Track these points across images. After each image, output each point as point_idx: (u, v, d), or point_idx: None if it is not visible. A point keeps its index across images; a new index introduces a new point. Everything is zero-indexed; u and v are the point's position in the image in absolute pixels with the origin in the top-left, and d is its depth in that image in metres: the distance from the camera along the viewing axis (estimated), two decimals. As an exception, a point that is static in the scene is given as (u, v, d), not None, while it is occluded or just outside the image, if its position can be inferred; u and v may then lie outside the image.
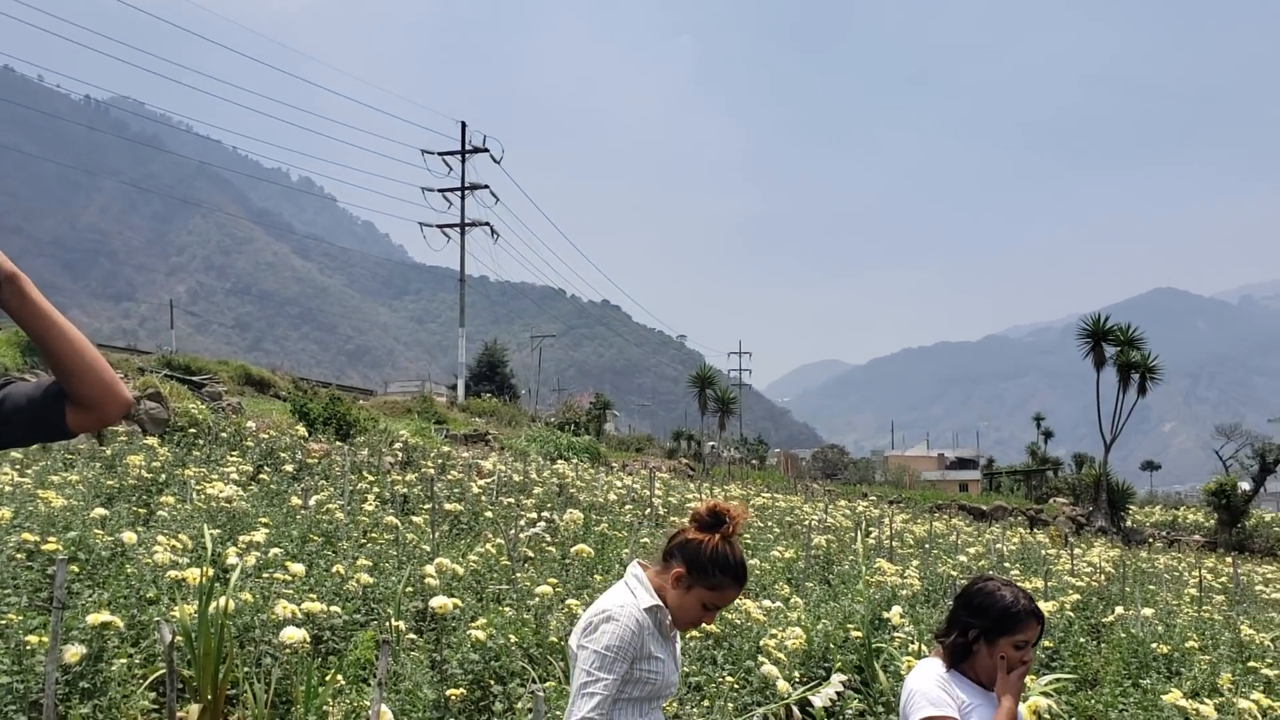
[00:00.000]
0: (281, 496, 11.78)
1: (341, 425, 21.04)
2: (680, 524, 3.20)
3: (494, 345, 63.46)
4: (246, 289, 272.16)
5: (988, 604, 3.31)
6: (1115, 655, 8.88)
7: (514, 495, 14.72)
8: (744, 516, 3.06)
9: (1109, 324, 38.92)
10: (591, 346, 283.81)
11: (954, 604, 3.34)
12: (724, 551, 2.94)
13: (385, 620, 6.83)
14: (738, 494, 21.45)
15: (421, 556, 8.95)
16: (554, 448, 27.38)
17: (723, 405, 49.42)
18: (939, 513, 30.75)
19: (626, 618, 2.90)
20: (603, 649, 2.85)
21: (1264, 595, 16.51)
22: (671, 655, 3.06)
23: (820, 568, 11.62)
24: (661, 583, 3.02)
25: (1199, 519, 42.76)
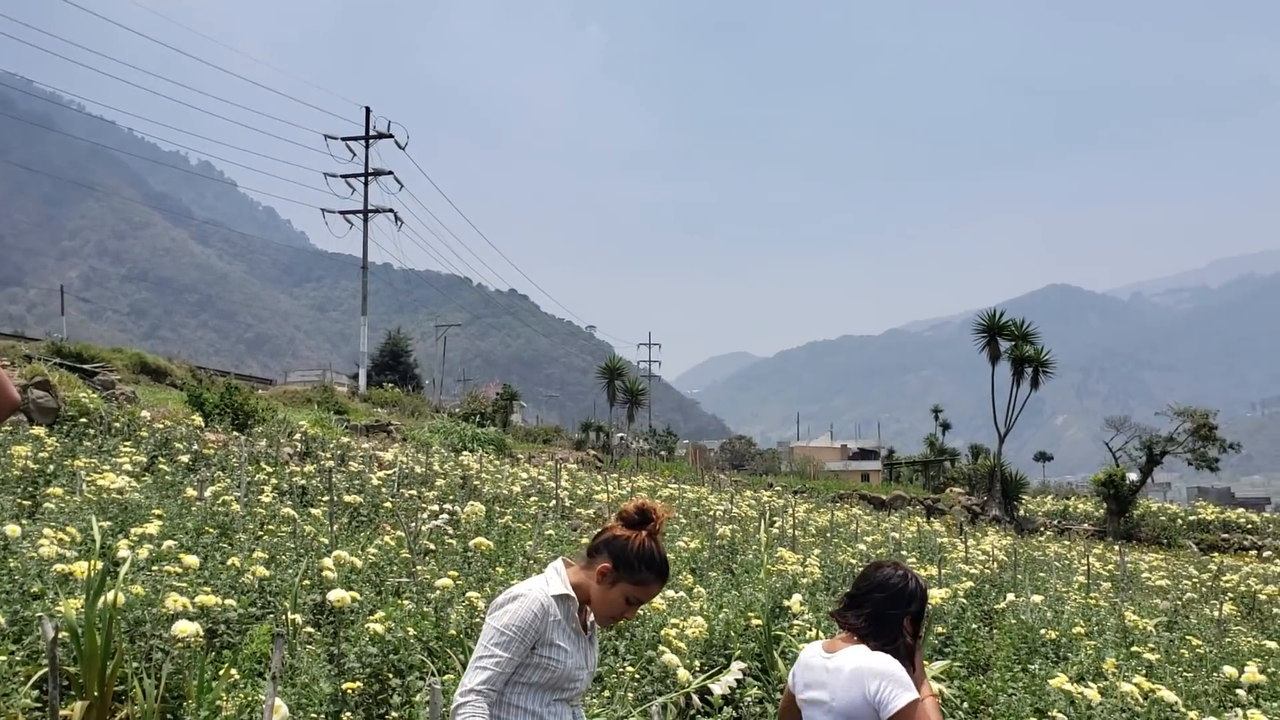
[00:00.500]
0: (176, 488, 11.49)
1: (239, 415, 20.58)
2: (588, 516, 3.26)
3: (397, 334, 62.65)
4: (143, 275, 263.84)
5: (916, 591, 3.43)
6: (1006, 641, 9.14)
7: (416, 487, 14.58)
8: (668, 515, 3.20)
9: (1004, 319, 40.02)
10: (498, 336, 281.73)
11: (881, 594, 3.36)
12: (650, 548, 3.06)
13: (282, 613, 6.72)
14: (645, 485, 21.54)
15: (320, 549, 8.81)
16: (458, 439, 27.16)
17: (632, 396, 49.61)
18: (841, 502, 31.31)
19: (531, 600, 2.98)
20: (502, 626, 2.94)
21: (1149, 582, 17.16)
22: (581, 649, 3.11)
23: (724, 557, 11.74)
24: (583, 579, 3.10)
25: (1089, 508, 44.24)
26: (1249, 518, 43.48)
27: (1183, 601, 13.61)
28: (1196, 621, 11.35)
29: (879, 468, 62.05)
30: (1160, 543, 35.41)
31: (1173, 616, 11.34)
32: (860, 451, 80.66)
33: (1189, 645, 8.83)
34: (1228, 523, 41.46)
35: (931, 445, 61.08)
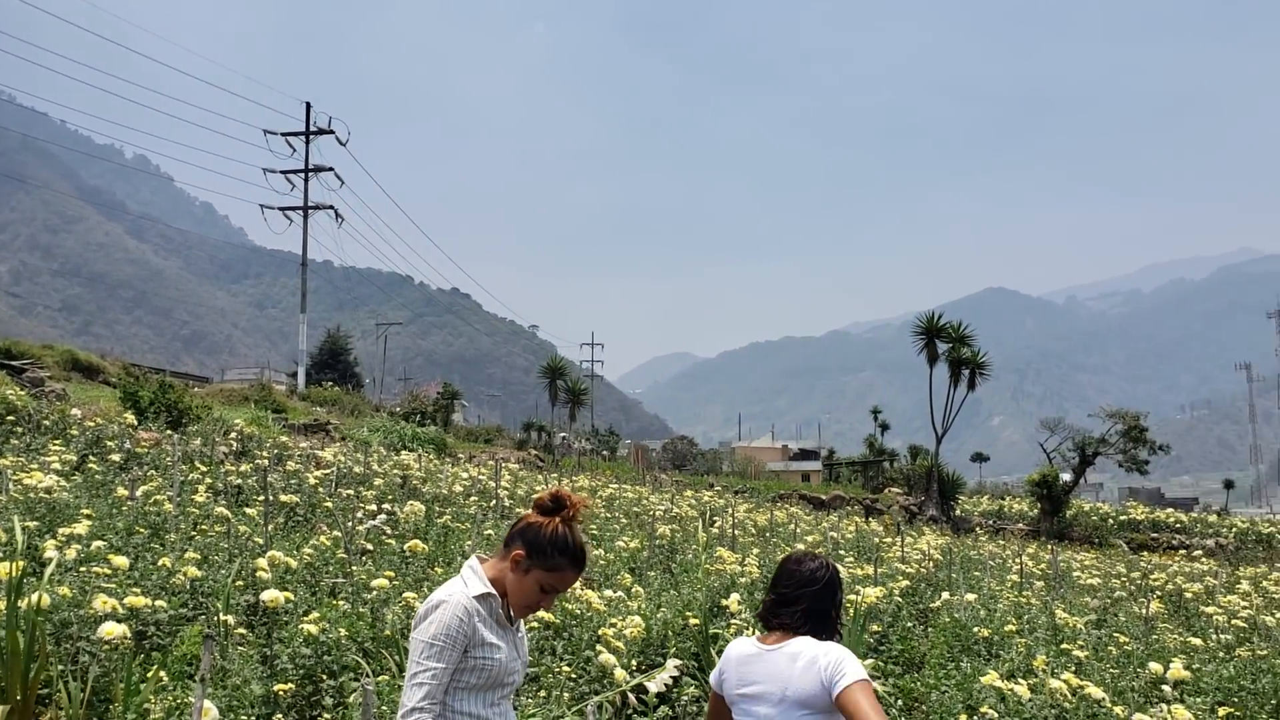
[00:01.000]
0: (107, 487, 11.27)
1: (174, 413, 20.23)
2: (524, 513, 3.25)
3: (337, 332, 62.08)
4: (75, 270, 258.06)
5: (839, 578, 3.51)
6: (940, 639, 9.26)
7: (354, 487, 14.43)
8: (585, 503, 3.17)
9: (942, 321, 40.57)
10: (440, 335, 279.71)
11: (813, 588, 3.40)
12: (563, 534, 3.03)
13: (214, 615, 6.61)
14: (586, 485, 21.52)
15: (254, 549, 8.69)
16: (398, 438, 26.93)
17: (574, 396, 49.52)
18: (781, 502, 31.52)
19: (454, 606, 2.95)
20: (430, 639, 2.90)
21: (1080, 581, 17.45)
22: (511, 643, 3.10)
23: (664, 557, 11.77)
24: (500, 571, 3.08)
25: (1023, 508, 45.01)
26: (1178, 518, 44.54)
27: (1112, 600, 13.89)
28: (1125, 619, 11.59)
29: (819, 468, 62.51)
30: (1092, 542, 36.09)
31: (1102, 614, 11.57)
32: (801, 452, 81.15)
33: (1117, 643, 9.01)
34: (1157, 522, 42.42)
35: (871, 446, 61.69)
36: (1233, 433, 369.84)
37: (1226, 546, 35.97)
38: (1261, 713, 7.19)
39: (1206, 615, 12.43)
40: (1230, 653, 9.55)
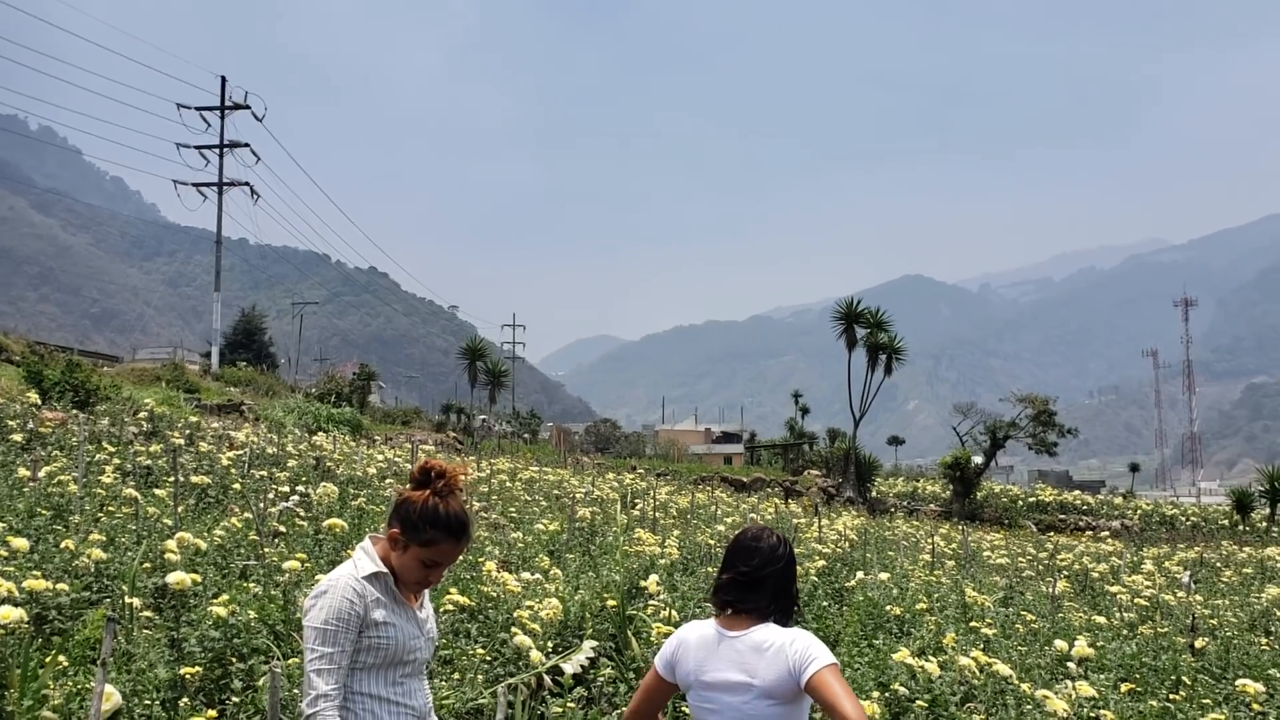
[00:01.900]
0: (8, 468, 10.91)
1: (81, 393, 19.65)
2: None
3: (252, 312, 60.97)
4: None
5: (794, 555, 3.44)
6: (854, 617, 9.40)
7: (267, 468, 14.17)
8: (459, 472, 3.12)
9: (861, 307, 41.14)
10: (358, 315, 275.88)
11: (775, 566, 3.29)
12: (433, 507, 3.00)
13: (119, 598, 6.44)
14: (506, 467, 21.40)
15: (163, 531, 8.49)
16: (313, 419, 26.52)
17: (494, 378, 49.20)
18: (703, 484, 31.70)
19: (342, 588, 2.93)
20: (321, 624, 2.87)
21: (989, 560, 17.87)
22: (410, 620, 3.07)
23: (584, 540, 11.75)
24: (387, 549, 3.06)
25: (937, 490, 45.93)
26: (1085, 500, 45.84)
27: (1020, 579, 14.23)
28: (1033, 598, 11.88)
29: (741, 451, 63.04)
30: (1002, 523, 36.94)
31: (1010, 593, 11.83)
32: (723, 435, 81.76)
33: (1024, 621, 9.23)
34: (1065, 504, 43.60)
35: (791, 429, 62.41)
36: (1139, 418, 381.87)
37: (1131, 528, 37.10)
38: (1161, 688, 7.42)
39: (1111, 594, 12.81)
40: (1133, 631, 9.84)
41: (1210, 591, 15.18)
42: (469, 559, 8.35)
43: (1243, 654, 8.86)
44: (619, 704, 5.95)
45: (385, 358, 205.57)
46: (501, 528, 11.85)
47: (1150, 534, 34.73)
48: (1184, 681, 7.52)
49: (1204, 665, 8.26)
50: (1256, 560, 21.40)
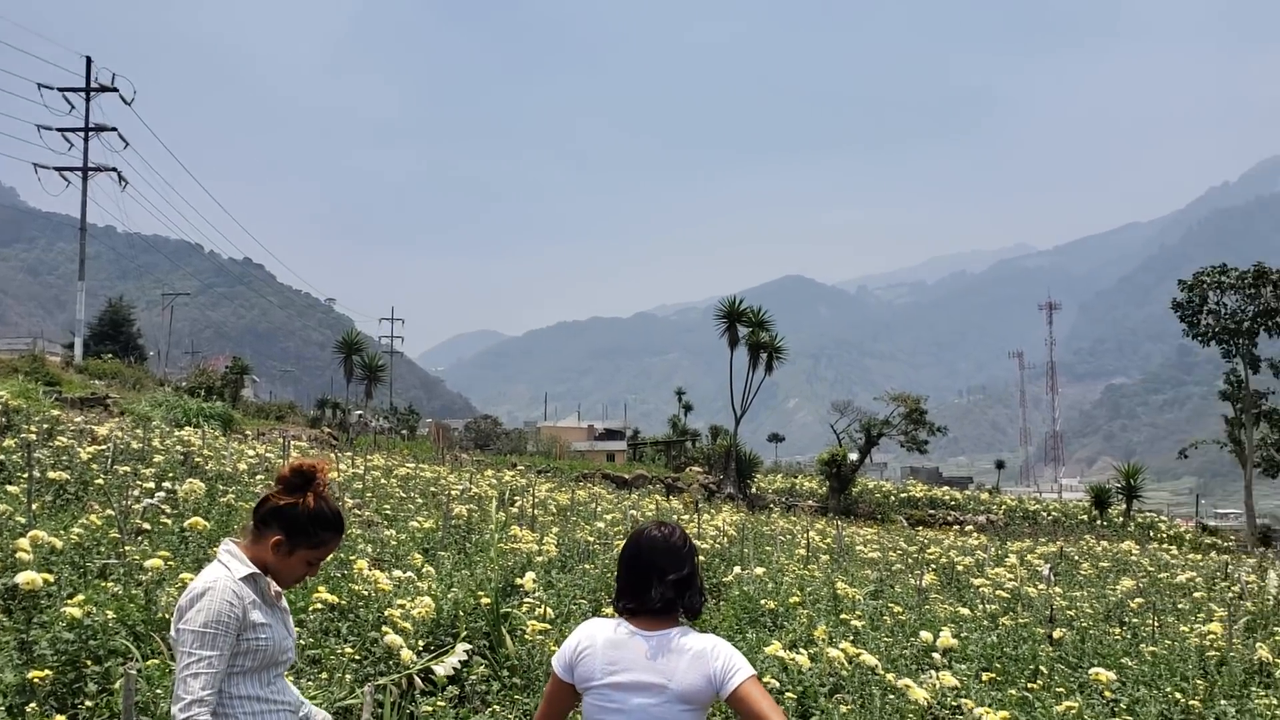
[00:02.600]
0: None
1: (-72, 385, 18.62)
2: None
3: (119, 302, 58.70)
4: None
5: (694, 546, 3.37)
6: (730, 612, 9.52)
7: (131, 464, 13.64)
8: (328, 467, 3.16)
9: (743, 306, 41.65)
10: (231, 307, 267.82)
11: (692, 561, 3.25)
12: (320, 509, 3.04)
13: (-36, 601, 6.12)
14: (381, 464, 21.04)
15: (15, 529, 8.10)
16: (182, 414, 25.65)
17: (370, 373, 48.30)
18: (584, 481, 31.69)
19: (221, 590, 2.87)
20: (201, 627, 2.81)
21: (862, 554, 18.27)
22: (281, 621, 3.06)
23: (460, 537, 11.63)
24: (257, 552, 3.02)
25: (814, 486, 46.82)
26: (953, 495, 47.33)
27: (890, 572, 14.59)
28: (902, 591, 12.19)
29: (624, 448, 63.26)
30: (875, 518, 37.83)
31: (880, 586, 12.13)
32: (606, 432, 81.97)
33: (892, 612, 9.47)
34: (935, 500, 44.93)
35: (674, 426, 62.87)
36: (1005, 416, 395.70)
37: (996, 522, 38.41)
38: (1020, 677, 7.68)
39: (975, 587, 13.23)
40: (995, 622, 10.18)
41: (1069, 584, 15.80)
42: (340, 557, 8.19)
43: (1097, 644, 9.26)
44: (492, 702, 5.90)
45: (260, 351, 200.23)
46: (375, 525, 11.66)
47: (1014, 528, 35.98)
48: (1041, 671, 7.81)
49: (1061, 655, 8.59)
50: (1113, 554, 22.39)
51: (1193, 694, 7.52)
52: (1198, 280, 46.93)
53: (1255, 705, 7.19)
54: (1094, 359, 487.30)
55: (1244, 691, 7.93)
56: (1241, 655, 9.24)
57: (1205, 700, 7.46)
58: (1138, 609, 12.29)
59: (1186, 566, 20.10)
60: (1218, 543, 36.83)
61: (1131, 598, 13.24)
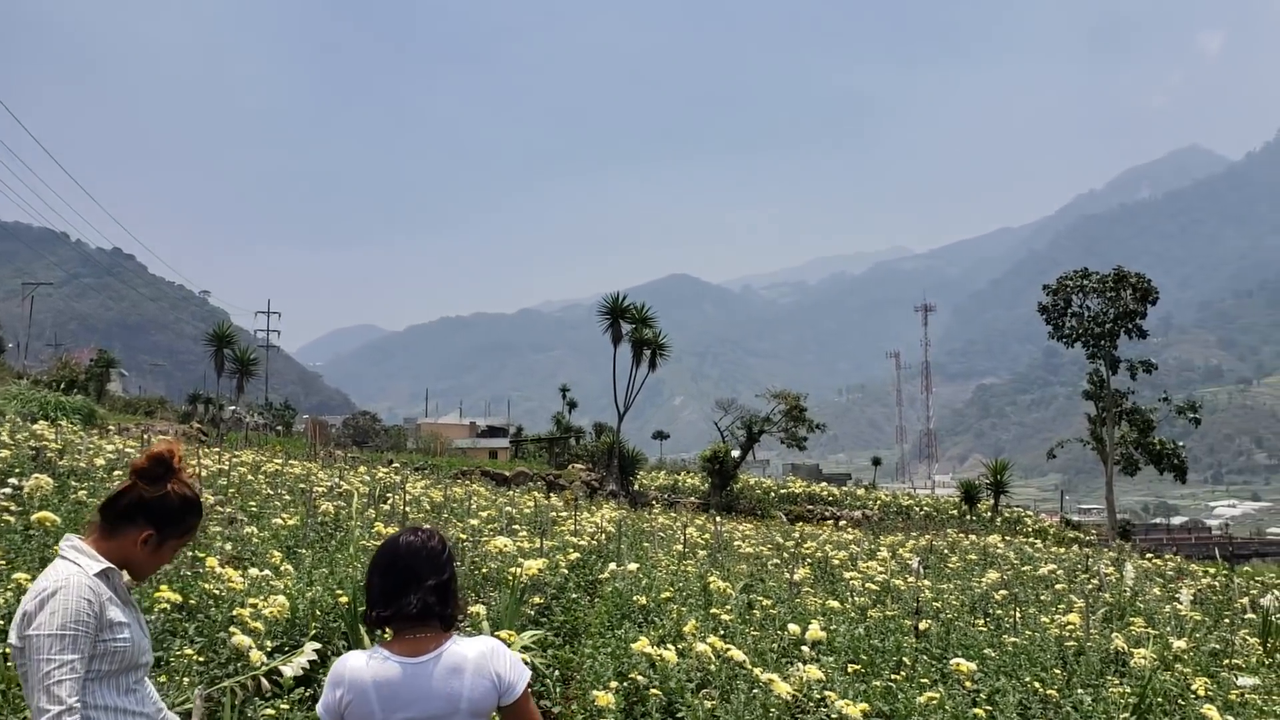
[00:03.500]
0: None
1: None
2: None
3: (-26, 291, 55.83)
4: None
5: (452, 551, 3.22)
6: (603, 608, 9.42)
7: (-26, 459, 12.90)
8: (179, 450, 2.99)
9: (626, 303, 41.67)
10: (99, 299, 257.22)
11: (449, 570, 3.05)
12: (185, 495, 2.94)
13: None
14: (250, 460, 20.36)
15: None
16: (38, 407, 24.46)
17: (242, 366, 46.89)
18: (463, 479, 31.26)
19: (76, 588, 2.63)
20: (59, 629, 2.55)
21: (740, 550, 18.40)
22: (138, 619, 2.85)
23: (324, 535, 11.28)
24: (113, 548, 2.81)
25: (696, 483, 47.14)
26: (831, 491, 48.19)
27: (765, 567, 14.70)
28: (775, 585, 12.27)
29: (507, 445, 62.79)
30: (756, 514, 38.25)
31: (752, 581, 12.18)
32: (489, 429, 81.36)
33: (761, 606, 9.49)
34: (813, 496, 45.68)
35: (558, 423, 62.65)
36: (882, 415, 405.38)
37: (872, 517, 39.25)
38: (885, 668, 7.76)
39: (847, 580, 13.40)
40: (864, 614, 10.30)
41: (938, 576, 16.15)
42: (191, 554, 7.81)
43: (962, 635, 9.43)
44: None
45: (130, 345, 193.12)
46: (236, 522, 11.22)
47: (888, 523, 36.80)
48: (905, 662, 7.90)
49: (925, 646, 8.72)
50: (980, 547, 23.04)
51: (1051, 683, 7.69)
52: (1062, 284, 48.77)
53: (1111, 694, 7.38)
54: (966, 360, 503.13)
55: (1100, 680, 8.15)
56: (1099, 645, 9.52)
57: (1063, 690, 7.64)
58: (1002, 600, 12.60)
59: (1049, 560, 20.77)
60: (1080, 536, 38.28)
61: (996, 589, 13.59)
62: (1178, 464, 46.31)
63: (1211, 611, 14.03)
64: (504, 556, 9.29)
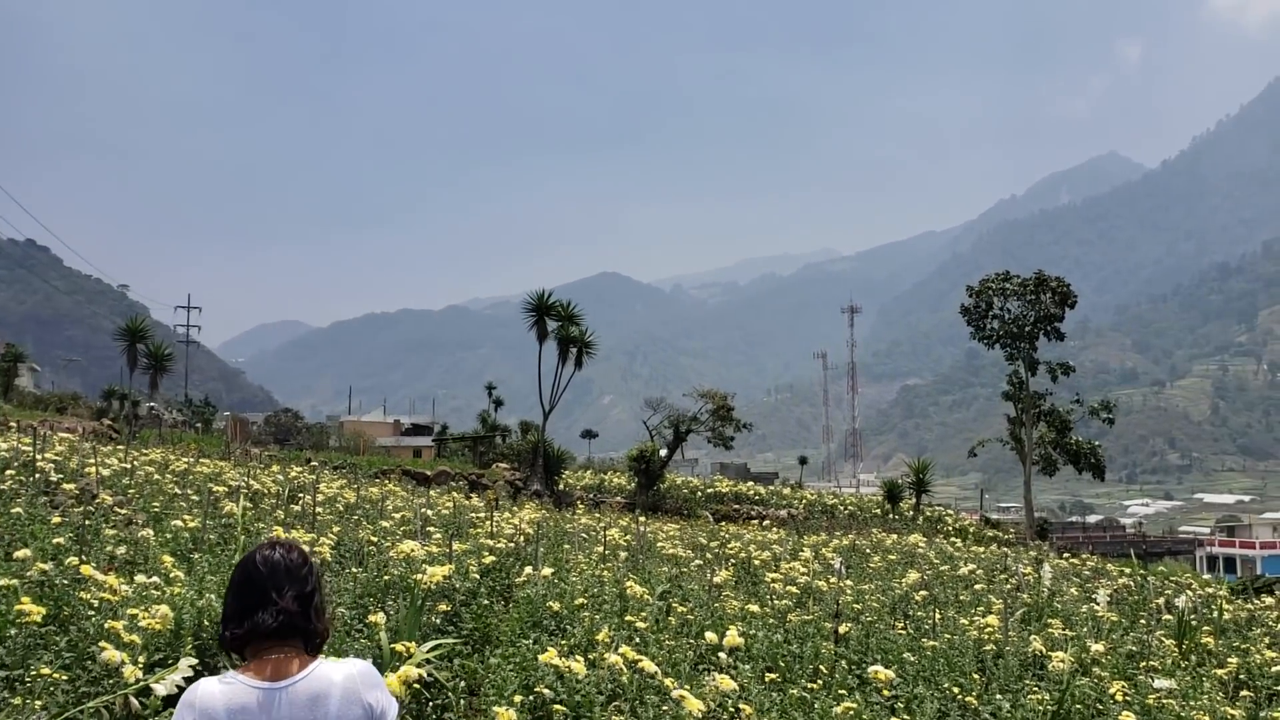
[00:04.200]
0: None
1: None
2: (73, 491, 2.58)
3: None
4: None
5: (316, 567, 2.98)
6: (515, 615, 9.10)
7: None
8: None
9: (553, 300, 41.29)
10: (10, 292, 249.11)
11: (312, 580, 2.83)
12: None
13: None
14: (158, 458, 19.64)
15: None
16: (-67, 403, 23.40)
17: (157, 362, 45.60)
18: (383, 478, 30.65)
19: None
20: None
21: (664, 551, 18.16)
22: None
23: (227, 538, 10.80)
24: None
25: (622, 482, 46.92)
26: (757, 490, 48.34)
27: (687, 569, 14.48)
28: (697, 588, 12.04)
29: (431, 444, 62.07)
30: (682, 513, 38.12)
31: (672, 584, 11.94)
32: (414, 427, 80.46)
33: (677, 614, 9.25)
34: (740, 495, 45.75)
35: (484, 421, 62.03)
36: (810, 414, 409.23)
37: (797, 516, 39.39)
38: (802, 676, 7.57)
39: (769, 582, 13.24)
40: (783, 619, 10.12)
41: (860, 576, 16.10)
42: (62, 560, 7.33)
43: (882, 639, 9.29)
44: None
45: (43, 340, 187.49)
46: (134, 524, 10.71)
47: (813, 522, 36.94)
48: (822, 670, 7.72)
49: (844, 652, 8.55)
50: (902, 547, 23.12)
51: (970, 689, 7.56)
52: (984, 287, 49.48)
53: (1029, 701, 7.27)
54: (891, 360, 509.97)
55: (1019, 685, 8.06)
56: (1017, 648, 9.45)
57: (982, 696, 7.52)
58: (922, 601, 12.53)
59: (969, 559, 20.89)
60: (999, 535, 38.81)
61: (916, 590, 13.53)
62: (1095, 463, 47.22)
63: (1127, 612, 14.15)
64: (410, 562, 8.92)
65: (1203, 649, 11.23)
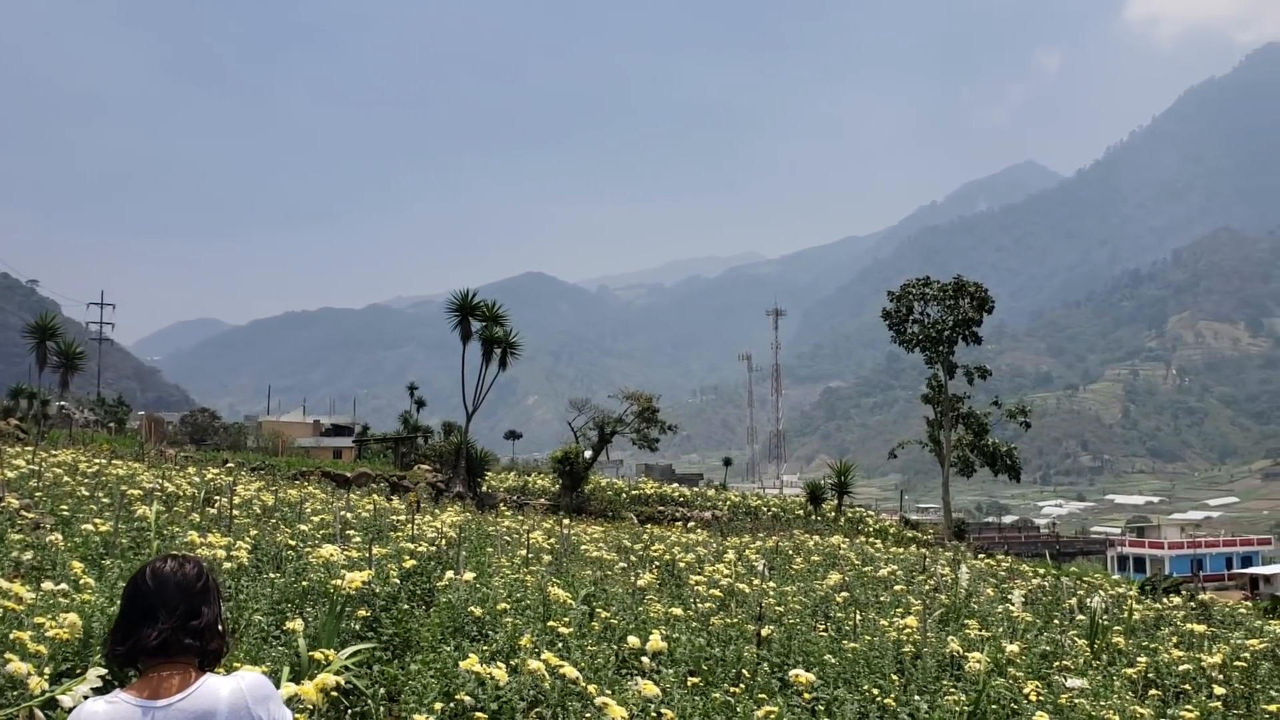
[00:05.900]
0: None
1: None
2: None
3: None
4: None
5: (216, 581, 2.91)
6: (436, 620, 8.99)
7: None
8: None
9: (477, 300, 40.98)
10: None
11: (206, 594, 2.78)
12: None
13: None
14: (68, 459, 19.10)
15: None
16: None
17: (67, 360, 44.35)
18: (301, 480, 30.16)
19: None
20: None
21: (588, 554, 18.13)
22: None
23: (140, 542, 10.53)
24: None
25: (547, 484, 46.76)
26: (682, 492, 48.52)
27: (610, 572, 14.47)
28: (621, 591, 12.03)
29: (351, 445, 61.27)
30: (607, 515, 38.10)
31: (596, 588, 11.93)
32: (334, 427, 79.32)
33: (600, 618, 9.23)
34: (664, 496, 45.88)
35: (406, 422, 61.35)
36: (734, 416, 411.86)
37: (721, 518, 39.59)
38: (725, 680, 7.60)
39: (693, 584, 13.29)
40: (706, 622, 10.16)
41: (783, 578, 16.24)
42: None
43: (804, 641, 9.37)
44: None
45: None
46: (43, 528, 10.39)
47: (737, 524, 37.17)
48: (745, 674, 7.76)
49: (766, 655, 8.61)
50: (824, 548, 23.37)
51: (889, 691, 7.66)
52: (905, 291, 50.30)
53: (946, 702, 7.39)
54: (813, 363, 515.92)
55: (937, 686, 8.19)
56: (935, 649, 9.60)
57: (900, 697, 7.62)
58: (843, 603, 12.68)
59: (889, 560, 21.19)
60: (918, 535, 39.46)
61: (838, 591, 13.69)
62: (1011, 465, 48.25)
63: (1041, 612, 14.47)
64: (329, 566, 8.78)
65: (1113, 648, 11.54)
